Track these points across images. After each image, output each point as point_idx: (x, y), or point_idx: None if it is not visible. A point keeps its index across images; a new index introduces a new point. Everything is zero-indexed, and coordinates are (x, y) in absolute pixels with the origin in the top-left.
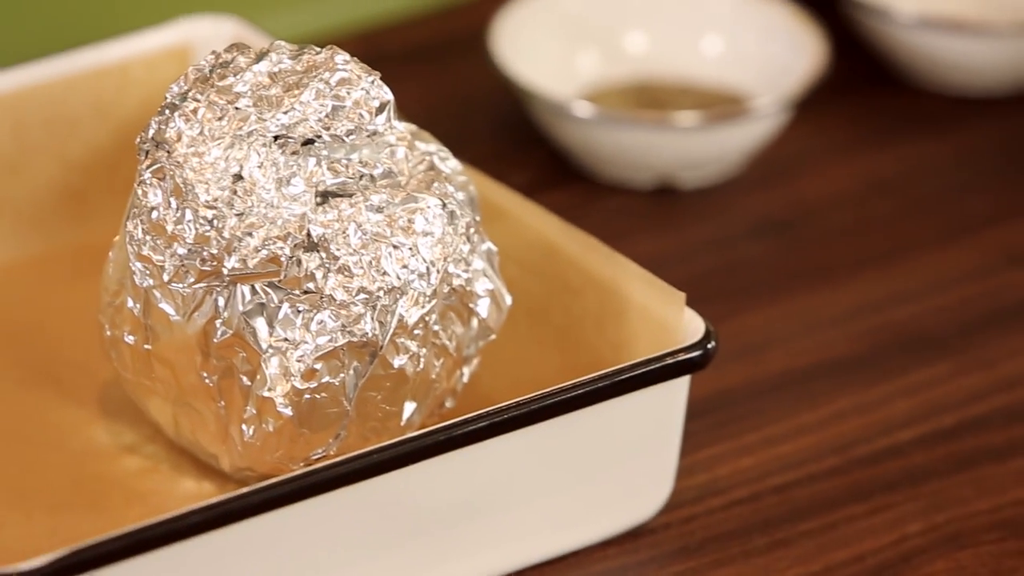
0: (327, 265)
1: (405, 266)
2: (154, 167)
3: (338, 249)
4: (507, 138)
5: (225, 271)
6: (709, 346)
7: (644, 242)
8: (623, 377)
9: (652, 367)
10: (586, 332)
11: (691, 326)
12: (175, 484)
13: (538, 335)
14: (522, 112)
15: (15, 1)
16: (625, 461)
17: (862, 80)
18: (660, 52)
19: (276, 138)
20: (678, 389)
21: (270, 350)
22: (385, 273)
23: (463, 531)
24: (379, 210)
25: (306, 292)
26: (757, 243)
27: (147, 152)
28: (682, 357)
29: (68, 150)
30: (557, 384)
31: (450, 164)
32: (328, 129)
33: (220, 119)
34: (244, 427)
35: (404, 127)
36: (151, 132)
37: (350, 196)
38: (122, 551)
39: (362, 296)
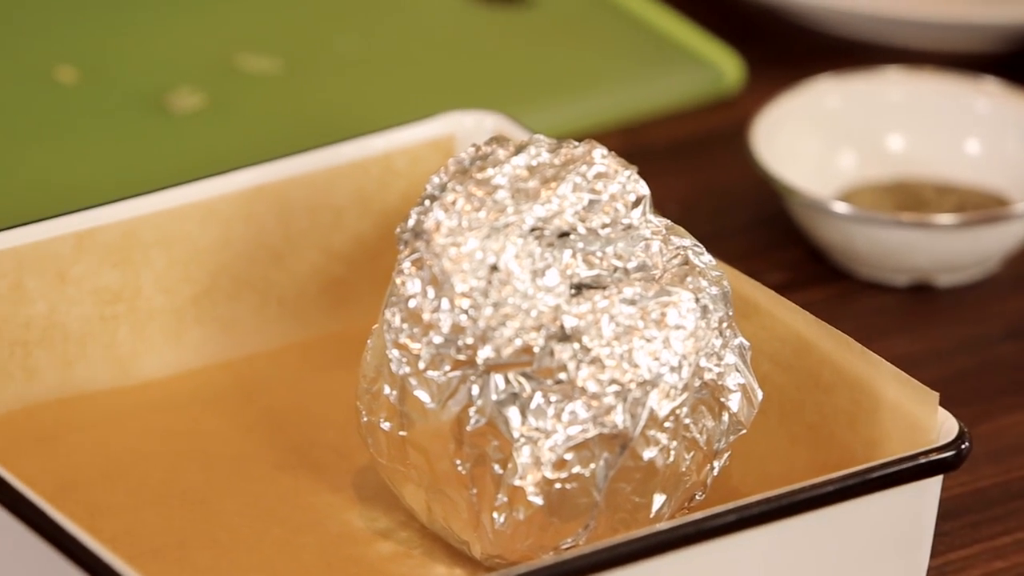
0: (579, 356)
1: (657, 359)
2: (413, 256)
3: (591, 340)
4: (763, 235)
5: (479, 360)
6: (963, 447)
7: (898, 341)
8: (875, 475)
9: (904, 466)
10: (837, 429)
11: (944, 426)
12: (427, 569)
13: (789, 431)
14: (779, 209)
15: (285, 96)
16: (875, 560)
17: None
18: (919, 153)
19: (532, 230)
20: (930, 489)
21: (522, 439)
22: (637, 365)
23: None
24: (632, 303)
25: (558, 382)
26: (1013, 344)
27: (406, 242)
28: (935, 457)
29: (331, 239)
30: (807, 480)
31: (704, 259)
32: (584, 222)
33: (478, 210)
34: (495, 515)
35: (659, 221)
36: (411, 222)
37: (604, 288)
38: None
39: (614, 388)
